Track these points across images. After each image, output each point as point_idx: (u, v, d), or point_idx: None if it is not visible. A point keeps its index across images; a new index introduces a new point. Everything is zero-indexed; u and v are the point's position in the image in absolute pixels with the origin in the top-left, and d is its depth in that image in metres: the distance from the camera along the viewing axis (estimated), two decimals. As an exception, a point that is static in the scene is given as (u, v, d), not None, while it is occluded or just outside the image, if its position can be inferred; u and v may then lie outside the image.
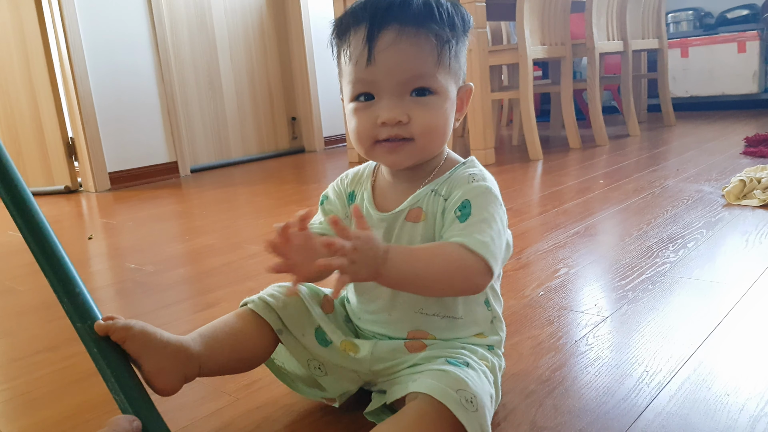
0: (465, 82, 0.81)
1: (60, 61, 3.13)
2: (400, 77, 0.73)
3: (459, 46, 0.77)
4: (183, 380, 0.75)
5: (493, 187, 0.77)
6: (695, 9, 4.45)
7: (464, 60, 0.79)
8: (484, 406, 0.69)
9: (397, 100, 0.74)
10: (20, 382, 1.03)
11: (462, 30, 0.77)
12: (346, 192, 0.87)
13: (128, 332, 0.70)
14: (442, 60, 0.74)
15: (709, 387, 0.82)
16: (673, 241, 1.48)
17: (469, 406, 0.67)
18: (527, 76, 2.90)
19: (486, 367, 0.76)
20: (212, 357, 0.77)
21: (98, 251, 1.97)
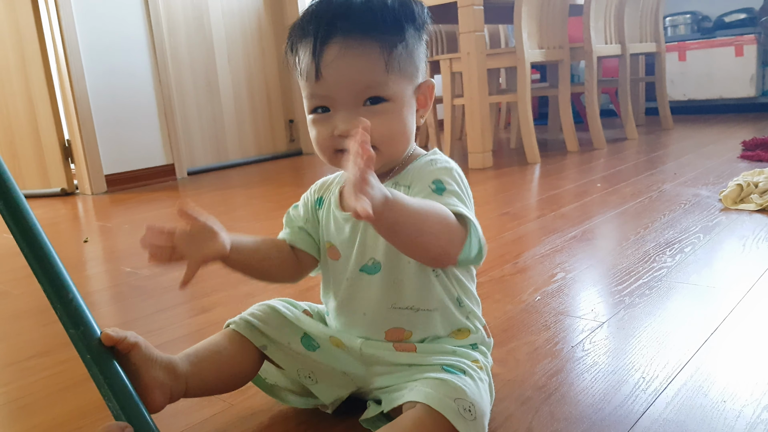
0: (426, 77, 0.80)
1: (57, 62, 3.13)
2: (351, 89, 0.73)
3: (411, 46, 0.76)
4: (169, 398, 0.75)
5: (456, 167, 0.78)
6: (693, 13, 4.46)
7: (421, 56, 0.78)
8: (483, 415, 0.68)
9: (351, 112, 0.73)
10: (13, 388, 1.03)
11: (414, 27, 0.76)
12: (313, 199, 0.87)
13: (134, 346, 0.73)
14: (391, 66, 0.73)
15: (705, 393, 0.81)
16: (671, 245, 1.47)
17: (467, 415, 0.67)
18: (525, 80, 2.90)
19: (480, 369, 0.76)
20: (198, 376, 0.78)
21: (94, 254, 1.96)
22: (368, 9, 0.73)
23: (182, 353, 0.80)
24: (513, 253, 1.52)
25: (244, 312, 0.86)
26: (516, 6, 2.82)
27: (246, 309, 0.91)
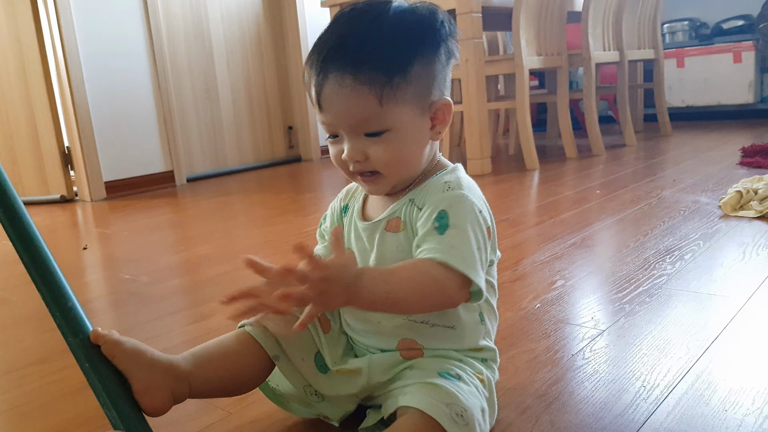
0: (443, 92, 0.78)
1: (56, 69, 3.13)
2: (348, 122, 0.74)
3: (417, 70, 0.74)
4: (172, 400, 0.75)
5: (471, 194, 0.75)
6: (691, 19, 4.47)
7: (436, 73, 0.76)
8: (475, 421, 0.68)
9: (354, 141, 0.75)
10: (11, 395, 1.02)
11: (428, 46, 0.75)
12: (340, 207, 0.88)
13: (118, 347, 0.72)
14: (387, 98, 0.72)
15: (707, 402, 0.81)
16: (670, 252, 1.47)
17: (459, 420, 0.67)
18: (524, 86, 2.90)
19: (479, 380, 0.75)
20: (202, 377, 0.77)
21: (93, 261, 1.96)
22: (363, 42, 0.72)
23: (188, 352, 0.79)
24: (512, 260, 1.52)
25: (261, 314, 0.78)
26: (514, 13, 2.83)
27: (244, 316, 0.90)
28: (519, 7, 2.81)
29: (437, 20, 0.76)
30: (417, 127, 0.76)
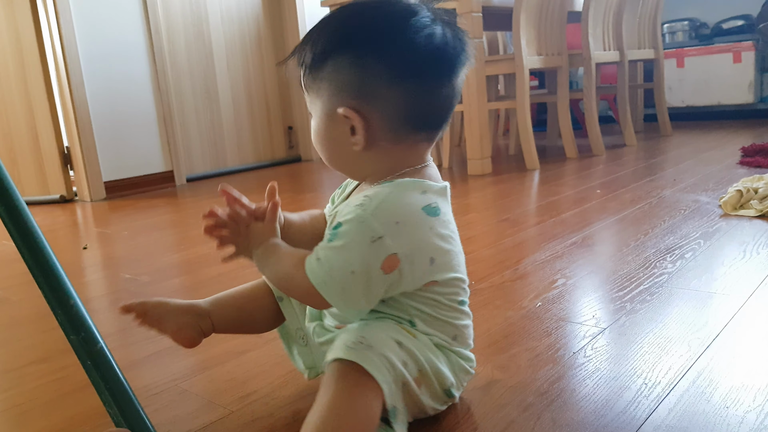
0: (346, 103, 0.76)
1: (56, 69, 3.13)
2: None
3: (324, 70, 0.76)
4: (201, 334, 0.89)
5: (375, 221, 0.71)
6: (691, 19, 4.47)
7: (349, 80, 0.75)
8: (381, 343, 0.71)
9: None
10: (13, 394, 1.02)
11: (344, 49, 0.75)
12: (338, 194, 0.93)
13: (145, 306, 0.87)
14: (305, 87, 0.80)
15: (708, 399, 0.81)
16: (671, 251, 1.47)
17: (357, 346, 0.70)
18: (524, 86, 2.90)
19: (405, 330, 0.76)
20: (220, 314, 0.91)
21: (93, 261, 1.96)
22: (309, 33, 0.79)
23: (210, 297, 0.93)
24: (513, 259, 1.52)
25: None
26: (515, 13, 2.83)
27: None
28: (519, 7, 2.81)
29: (361, 25, 0.76)
30: (328, 127, 0.79)
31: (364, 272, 0.70)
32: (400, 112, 0.76)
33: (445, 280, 0.78)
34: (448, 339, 0.81)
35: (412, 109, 0.76)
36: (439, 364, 0.78)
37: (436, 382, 0.78)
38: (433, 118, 0.79)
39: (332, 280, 0.71)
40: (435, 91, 0.77)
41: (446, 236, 0.78)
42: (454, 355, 0.81)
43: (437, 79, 0.76)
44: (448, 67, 0.77)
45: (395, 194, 0.74)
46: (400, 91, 0.75)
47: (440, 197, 0.79)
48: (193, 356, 1.10)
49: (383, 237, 0.70)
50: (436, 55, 0.75)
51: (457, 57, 0.77)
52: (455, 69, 0.77)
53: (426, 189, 0.77)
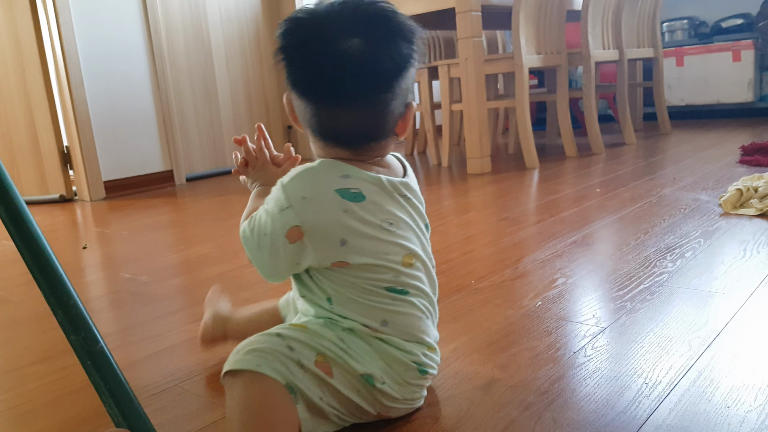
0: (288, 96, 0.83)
1: (55, 69, 3.13)
2: None
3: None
4: (213, 339, 1.07)
5: (283, 192, 0.77)
6: (690, 18, 4.47)
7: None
8: (253, 342, 0.76)
9: None
10: (13, 395, 1.02)
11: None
12: None
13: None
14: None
15: (709, 399, 0.81)
16: (671, 250, 1.47)
17: (231, 357, 0.76)
18: (523, 85, 2.90)
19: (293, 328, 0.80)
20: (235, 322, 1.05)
21: (92, 261, 1.96)
22: None
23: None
24: (513, 258, 1.52)
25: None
26: (514, 12, 2.83)
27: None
28: (518, 6, 2.81)
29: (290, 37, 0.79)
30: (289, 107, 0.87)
31: (272, 236, 0.77)
32: (306, 122, 0.81)
33: (360, 265, 0.78)
34: (375, 324, 0.80)
35: (317, 123, 0.79)
36: (342, 352, 0.78)
37: (344, 370, 0.77)
38: (347, 137, 0.80)
39: (252, 236, 0.80)
40: (339, 110, 0.78)
41: (371, 222, 0.78)
42: (382, 343, 0.80)
43: (341, 100, 0.77)
44: (357, 87, 0.76)
45: (312, 171, 0.79)
46: (303, 102, 0.79)
47: (371, 186, 0.79)
48: (193, 356, 1.10)
49: (290, 208, 0.76)
50: (337, 78, 0.75)
51: (373, 75, 0.76)
52: (369, 88, 0.76)
53: (351, 174, 0.78)
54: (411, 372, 0.81)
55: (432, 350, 0.85)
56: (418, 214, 0.86)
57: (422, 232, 0.86)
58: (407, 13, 2.34)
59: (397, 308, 0.81)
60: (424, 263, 0.84)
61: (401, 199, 0.83)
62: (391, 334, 0.81)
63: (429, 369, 0.83)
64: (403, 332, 0.81)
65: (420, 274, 0.83)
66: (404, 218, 0.83)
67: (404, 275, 0.81)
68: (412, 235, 0.83)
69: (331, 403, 0.78)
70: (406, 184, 0.84)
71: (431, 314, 0.86)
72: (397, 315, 0.81)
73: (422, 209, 0.88)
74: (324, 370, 0.76)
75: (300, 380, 0.75)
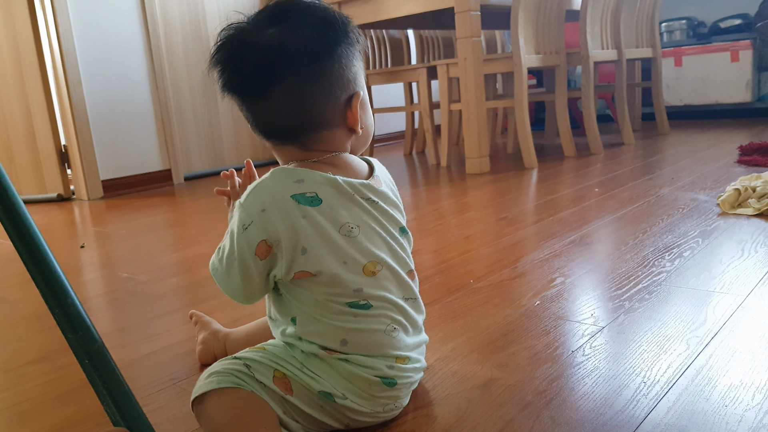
0: None
1: (53, 68, 3.12)
2: None
3: None
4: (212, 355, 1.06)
5: (242, 210, 0.76)
6: (689, 18, 4.47)
7: None
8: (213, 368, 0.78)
9: None
10: (10, 394, 1.02)
11: None
12: None
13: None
14: None
15: (707, 398, 0.81)
16: (669, 250, 1.47)
17: (195, 386, 0.78)
18: (522, 85, 2.90)
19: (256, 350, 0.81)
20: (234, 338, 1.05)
21: (90, 260, 1.95)
22: None
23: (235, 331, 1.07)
24: (511, 258, 1.52)
25: None
26: (513, 12, 2.83)
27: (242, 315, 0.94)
28: (517, 6, 2.81)
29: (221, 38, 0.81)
30: None
31: (240, 258, 0.76)
32: (250, 123, 0.82)
33: (321, 275, 0.76)
34: (335, 345, 0.78)
35: (254, 120, 0.81)
36: (299, 371, 0.78)
37: (303, 387, 0.77)
38: (285, 129, 0.80)
39: (220, 265, 0.79)
40: (265, 101, 0.78)
41: (328, 228, 0.76)
42: (342, 363, 0.78)
43: (260, 87, 0.77)
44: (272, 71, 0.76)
45: (265, 182, 0.77)
46: (237, 103, 0.81)
47: (327, 188, 0.77)
48: (191, 356, 1.10)
49: (252, 224, 0.75)
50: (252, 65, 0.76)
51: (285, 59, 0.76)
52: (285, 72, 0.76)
53: (305, 178, 0.77)
54: (375, 386, 0.79)
55: (402, 360, 0.81)
56: (386, 218, 0.82)
57: (392, 237, 0.82)
58: (406, 13, 2.37)
59: (358, 325, 0.78)
60: (392, 270, 0.81)
61: (364, 202, 0.79)
62: (352, 352, 0.78)
63: (399, 380, 0.80)
64: (365, 349, 0.79)
65: (386, 283, 0.80)
66: (368, 222, 0.79)
67: (367, 285, 0.78)
68: (378, 240, 0.80)
69: (295, 418, 0.77)
70: (369, 186, 0.81)
71: (402, 324, 0.82)
72: (358, 333, 0.78)
73: (394, 213, 0.83)
74: (282, 388, 0.76)
75: (261, 395, 0.75)
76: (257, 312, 1.28)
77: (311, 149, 0.80)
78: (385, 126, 4.82)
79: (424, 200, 2.40)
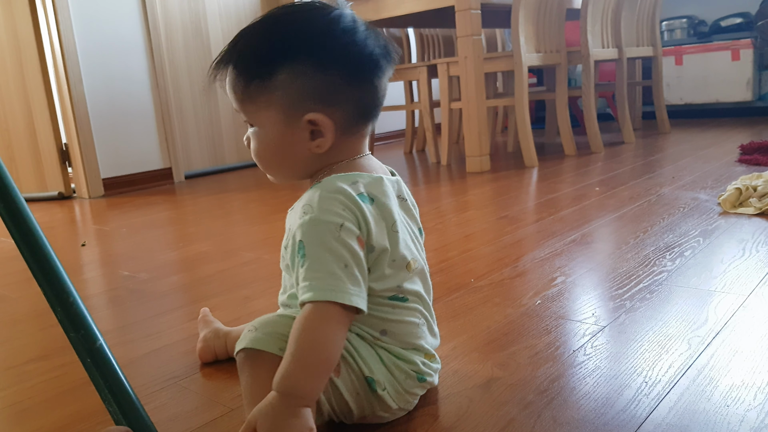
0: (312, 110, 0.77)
1: (54, 66, 3.12)
2: (234, 107, 0.82)
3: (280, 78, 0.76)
4: (213, 353, 1.06)
5: (323, 215, 0.73)
6: (689, 17, 4.47)
7: (306, 87, 0.76)
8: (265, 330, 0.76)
9: (248, 127, 0.83)
10: (12, 392, 1.02)
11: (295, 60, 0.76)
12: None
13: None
14: (248, 99, 0.79)
15: (708, 398, 0.81)
16: (670, 249, 1.47)
17: (245, 335, 0.77)
18: (522, 83, 2.90)
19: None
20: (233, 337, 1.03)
21: (91, 258, 1.95)
22: (246, 43, 0.78)
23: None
24: (512, 257, 1.52)
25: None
26: (513, 10, 2.83)
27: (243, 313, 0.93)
28: (518, 4, 2.81)
29: (321, 33, 0.77)
30: (281, 134, 0.79)
31: (352, 259, 0.73)
32: (358, 108, 0.80)
33: (377, 272, 0.78)
34: (375, 333, 0.80)
35: (367, 104, 0.81)
36: (354, 351, 0.78)
37: (351, 369, 0.77)
38: (378, 109, 0.83)
39: (339, 282, 0.71)
40: (382, 83, 0.81)
41: (383, 227, 0.78)
42: (384, 351, 0.80)
43: (382, 74, 0.80)
44: (387, 62, 0.81)
45: (329, 187, 0.76)
46: (358, 88, 0.79)
47: (377, 187, 0.79)
48: (192, 354, 1.10)
49: (342, 224, 0.73)
50: (379, 54, 0.79)
51: (392, 53, 0.81)
52: (392, 62, 0.82)
53: (355, 180, 0.78)
54: (410, 380, 0.81)
55: (430, 357, 0.85)
56: (411, 217, 0.86)
57: (416, 236, 0.86)
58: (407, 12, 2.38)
59: (396, 317, 0.80)
60: (422, 267, 0.84)
61: (400, 201, 0.83)
62: (390, 343, 0.81)
63: (427, 377, 0.83)
64: (402, 341, 0.81)
65: (418, 279, 0.83)
66: (405, 220, 0.83)
67: (407, 281, 0.81)
68: (410, 237, 0.83)
69: (330, 399, 0.78)
70: (399, 184, 0.85)
71: (428, 319, 0.85)
72: (397, 324, 0.81)
73: (415, 212, 0.87)
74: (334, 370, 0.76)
75: None
76: (257, 311, 1.29)
77: (363, 142, 0.84)
78: (386, 124, 4.81)
79: (424, 199, 2.40)
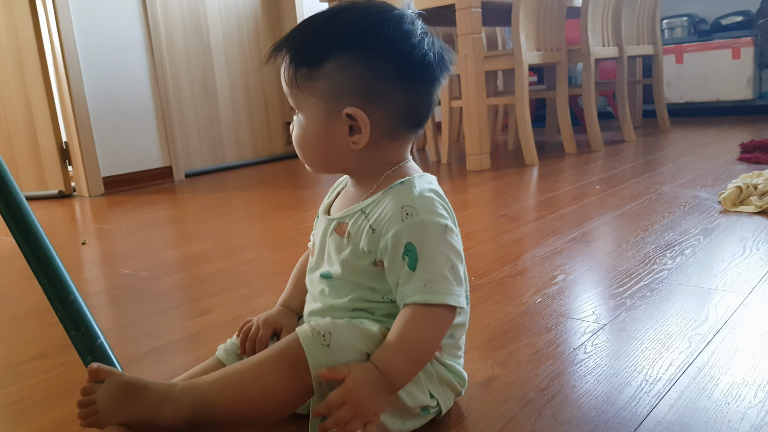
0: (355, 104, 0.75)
1: (54, 64, 3.12)
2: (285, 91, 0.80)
3: (329, 69, 0.75)
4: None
5: (431, 216, 0.73)
6: (690, 15, 4.47)
7: (351, 81, 0.74)
8: (339, 348, 0.71)
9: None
10: (12, 390, 1.02)
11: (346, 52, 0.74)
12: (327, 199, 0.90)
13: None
14: (297, 84, 0.77)
15: (709, 396, 0.81)
16: (671, 247, 1.47)
17: (318, 338, 0.71)
18: (523, 82, 2.90)
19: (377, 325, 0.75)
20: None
21: (91, 257, 1.95)
22: (302, 30, 0.77)
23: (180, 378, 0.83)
24: (512, 255, 1.52)
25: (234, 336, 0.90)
26: (514, 8, 2.82)
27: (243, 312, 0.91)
28: (518, 3, 2.81)
29: (381, 29, 0.75)
30: (322, 125, 0.77)
31: (457, 259, 0.74)
32: (402, 112, 0.77)
33: None
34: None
35: (411, 108, 0.78)
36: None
37: (407, 398, 0.76)
38: (424, 117, 0.80)
39: (450, 285, 0.72)
40: (431, 90, 0.79)
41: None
42: (441, 366, 0.80)
43: (433, 80, 0.78)
44: (441, 69, 0.78)
45: (421, 186, 0.76)
46: (404, 91, 0.76)
47: (438, 190, 0.80)
48: (192, 353, 1.10)
49: (447, 224, 0.74)
50: (432, 59, 0.76)
51: (447, 61, 0.79)
52: (446, 70, 0.79)
53: (431, 181, 0.80)
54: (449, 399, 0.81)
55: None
56: None
57: None
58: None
59: (462, 319, 0.82)
60: None
61: None
62: (447, 358, 0.81)
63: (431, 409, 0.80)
64: (453, 354, 0.82)
65: None
66: None
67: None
68: None
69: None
70: None
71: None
72: (459, 328, 0.82)
73: None
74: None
75: None
76: (257, 309, 1.28)
77: (407, 148, 0.83)
78: (386, 123, 4.80)
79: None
